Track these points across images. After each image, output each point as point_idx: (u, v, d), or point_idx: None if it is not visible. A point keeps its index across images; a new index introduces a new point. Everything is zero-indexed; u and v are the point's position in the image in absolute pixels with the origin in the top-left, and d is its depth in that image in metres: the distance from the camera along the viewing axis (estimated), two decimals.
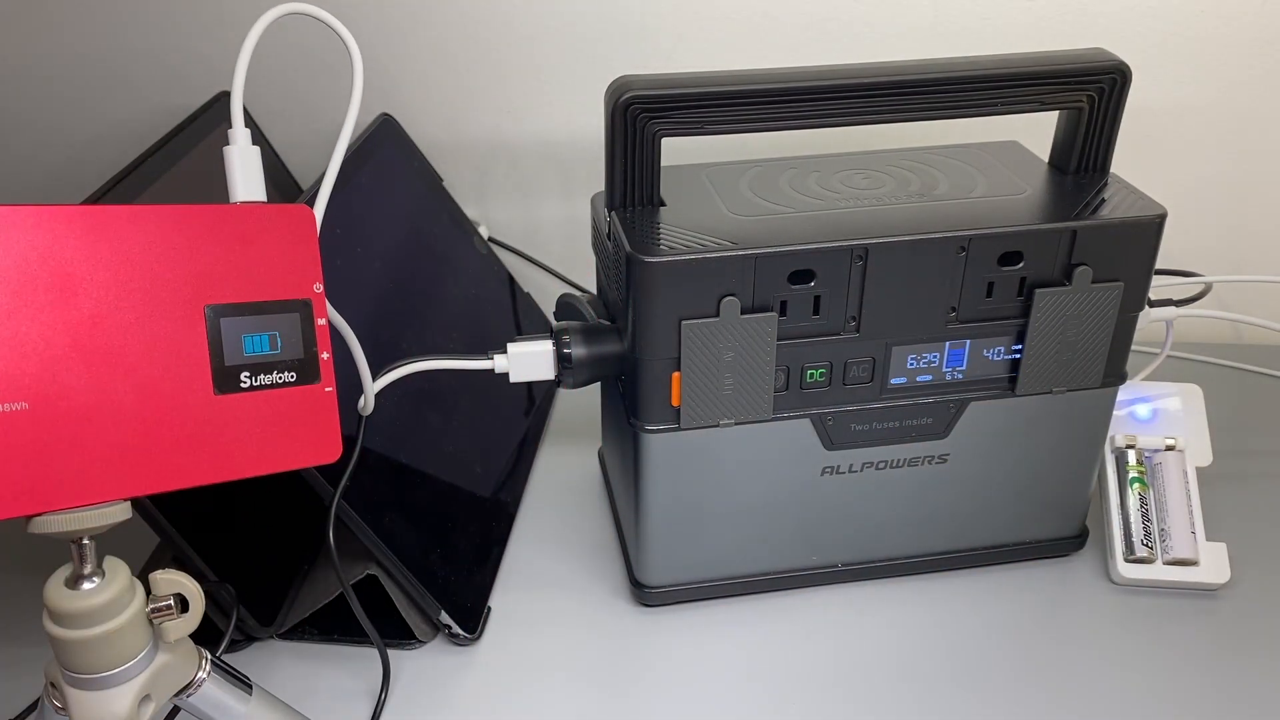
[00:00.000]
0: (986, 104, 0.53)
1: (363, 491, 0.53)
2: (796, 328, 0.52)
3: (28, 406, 0.33)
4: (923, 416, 0.55)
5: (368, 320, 0.58)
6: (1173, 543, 0.58)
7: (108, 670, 0.37)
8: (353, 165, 0.63)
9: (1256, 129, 0.78)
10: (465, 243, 0.74)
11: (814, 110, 0.51)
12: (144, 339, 0.35)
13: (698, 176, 0.58)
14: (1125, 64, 0.53)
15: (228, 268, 0.37)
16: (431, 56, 0.77)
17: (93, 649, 0.36)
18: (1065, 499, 0.60)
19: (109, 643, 0.36)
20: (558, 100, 0.78)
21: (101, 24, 0.77)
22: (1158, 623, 0.57)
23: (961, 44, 0.75)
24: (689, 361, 0.51)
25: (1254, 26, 0.74)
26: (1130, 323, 0.55)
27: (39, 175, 0.83)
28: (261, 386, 0.38)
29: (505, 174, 0.81)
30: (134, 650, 0.37)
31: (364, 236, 0.61)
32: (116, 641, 0.37)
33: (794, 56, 0.76)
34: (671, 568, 0.58)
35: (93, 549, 0.36)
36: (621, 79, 0.51)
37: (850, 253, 0.50)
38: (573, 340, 0.54)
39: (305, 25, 0.42)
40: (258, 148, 0.40)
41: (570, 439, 0.73)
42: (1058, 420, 0.56)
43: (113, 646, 0.37)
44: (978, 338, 0.54)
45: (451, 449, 0.62)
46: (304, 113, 0.79)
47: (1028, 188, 0.55)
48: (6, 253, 0.33)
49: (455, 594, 0.57)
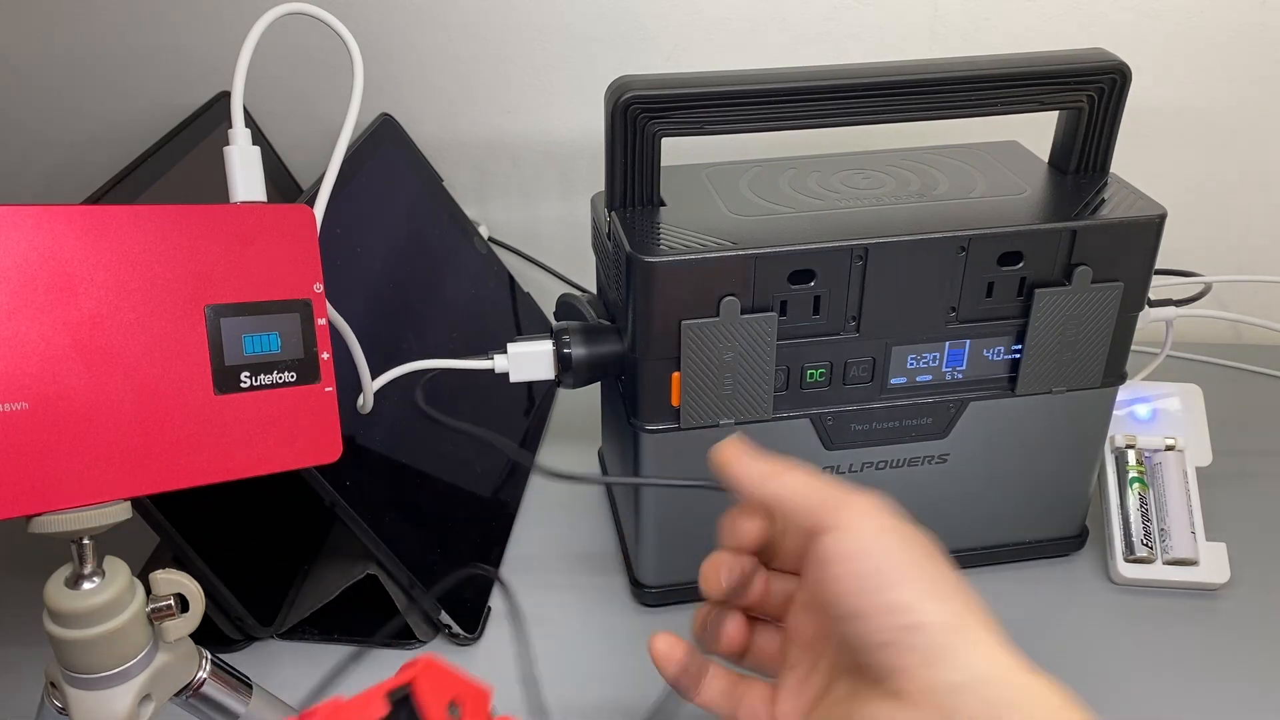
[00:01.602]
0: (986, 104, 0.53)
1: (363, 491, 0.53)
2: (796, 328, 0.52)
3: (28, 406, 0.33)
4: (923, 416, 0.55)
5: (368, 320, 0.58)
6: (1173, 543, 0.58)
7: (108, 670, 0.37)
8: (353, 165, 0.63)
9: (1256, 129, 0.78)
10: (465, 243, 0.74)
11: (814, 110, 0.51)
12: (144, 339, 0.35)
13: (698, 176, 0.58)
14: (1125, 64, 0.53)
15: (228, 268, 0.37)
16: (431, 56, 0.77)
17: (93, 649, 0.36)
18: (1065, 499, 0.60)
19: (109, 643, 0.36)
20: (558, 100, 0.78)
21: (101, 24, 0.77)
22: (1158, 623, 0.57)
23: (961, 44, 0.75)
24: (689, 361, 0.51)
25: (1254, 27, 0.74)
26: (1130, 323, 0.55)
27: (39, 175, 0.83)
28: (262, 386, 0.38)
29: (505, 174, 0.81)
30: (134, 650, 0.37)
31: (364, 236, 0.61)
32: (116, 641, 0.37)
33: (794, 57, 0.76)
34: (671, 568, 0.58)
35: (93, 549, 0.36)
36: (621, 79, 0.51)
37: (850, 253, 0.50)
38: (573, 340, 0.54)
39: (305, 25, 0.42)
40: (258, 148, 0.40)
41: (570, 439, 0.73)
42: (1058, 420, 0.56)
43: (113, 646, 0.37)
44: (978, 338, 0.54)
45: (451, 449, 0.62)
46: (304, 113, 0.79)
47: (1028, 188, 0.55)
48: (6, 253, 0.33)
49: (455, 594, 0.57)
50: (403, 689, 0.31)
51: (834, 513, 0.37)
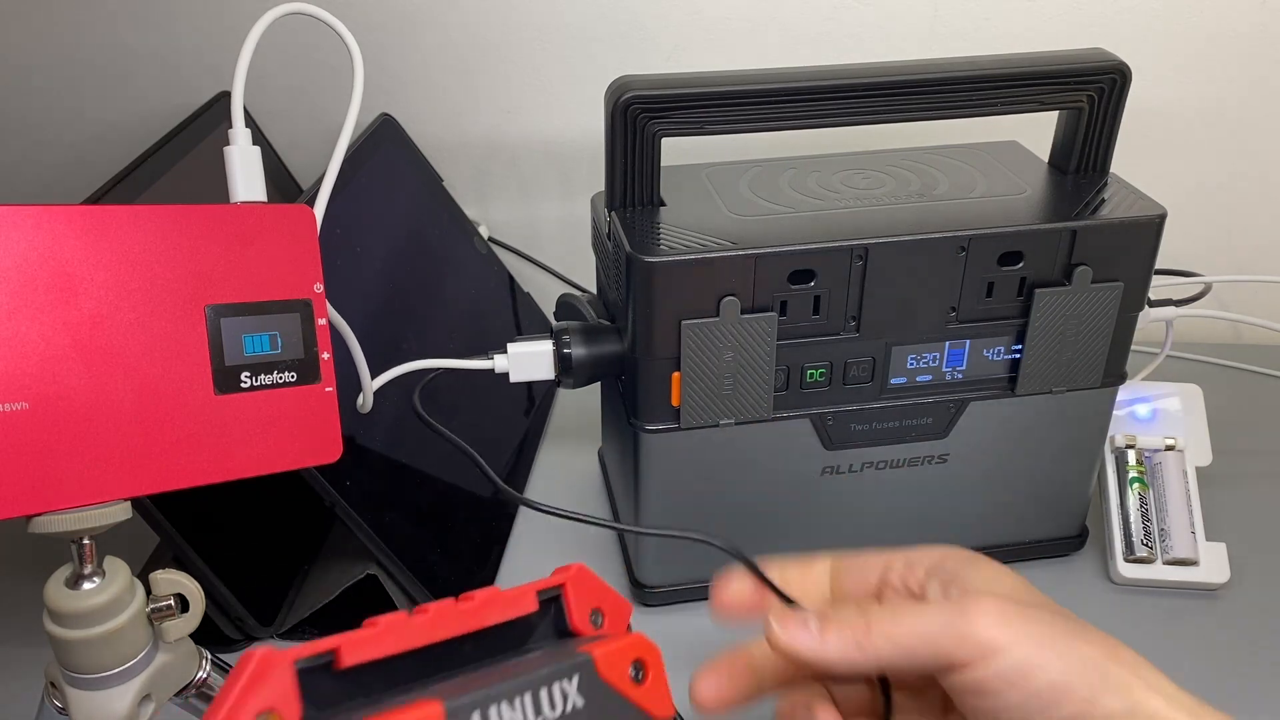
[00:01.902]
0: (986, 104, 0.53)
1: (363, 491, 0.53)
2: (796, 328, 0.52)
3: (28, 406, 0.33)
4: (923, 416, 0.55)
5: (368, 320, 0.58)
6: (1172, 542, 0.58)
7: (108, 670, 0.37)
8: (353, 165, 0.63)
9: (1256, 129, 0.78)
10: (465, 243, 0.74)
11: (814, 110, 0.51)
12: (144, 339, 0.35)
13: (698, 176, 0.58)
14: (1125, 64, 0.53)
15: (228, 268, 0.37)
16: (431, 56, 0.77)
17: (93, 649, 0.36)
18: (1065, 499, 0.60)
19: (109, 643, 0.36)
20: (558, 100, 0.78)
21: (102, 24, 0.77)
22: (1158, 623, 0.57)
23: (961, 44, 0.75)
24: (689, 361, 0.51)
25: (1254, 27, 0.74)
26: (1130, 323, 0.55)
27: (39, 175, 0.83)
28: (262, 386, 0.38)
29: (505, 174, 0.81)
30: (134, 650, 0.37)
31: (364, 236, 0.61)
32: (116, 641, 0.37)
33: (794, 57, 0.76)
34: (671, 568, 0.58)
35: (93, 549, 0.36)
36: (621, 79, 0.51)
37: (850, 253, 0.50)
38: (573, 340, 0.54)
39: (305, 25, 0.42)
40: (258, 148, 0.40)
41: (570, 439, 0.73)
42: (1058, 420, 0.56)
43: (113, 646, 0.37)
44: (978, 338, 0.54)
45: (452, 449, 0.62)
46: (304, 113, 0.79)
47: (1028, 188, 0.55)
48: (6, 253, 0.33)
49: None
50: (553, 590, 0.34)
51: (967, 641, 0.33)
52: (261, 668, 0.28)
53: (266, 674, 0.28)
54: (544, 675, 0.31)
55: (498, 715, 0.30)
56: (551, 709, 0.31)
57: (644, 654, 0.34)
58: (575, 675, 0.32)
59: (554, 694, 0.31)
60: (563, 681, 0.31)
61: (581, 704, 0.32)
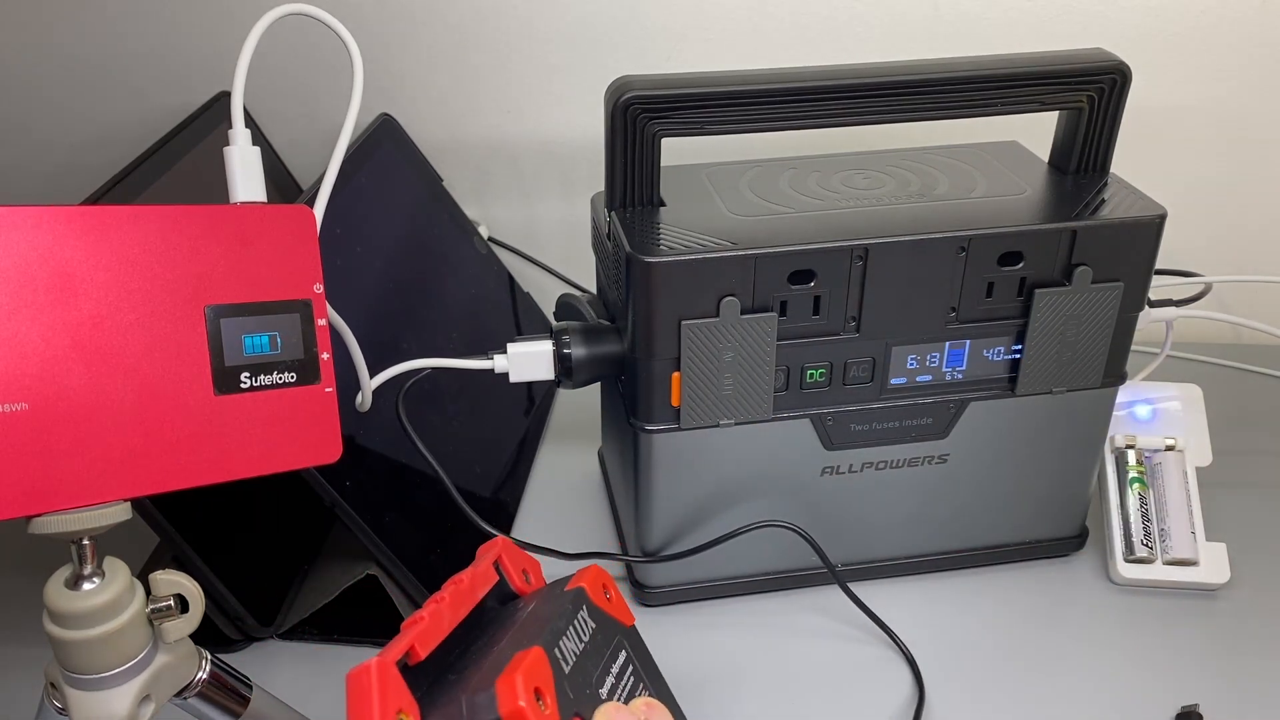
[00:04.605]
0: (986, 104, 0.53)
1: (363, 491, 0.53)
2: (796, 328, 0.52)
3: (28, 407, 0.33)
4: (923, 416, 0.55)
5: (368, 320, 0.58)
6: (1172, 543, 0.58)
7: (108, 670, 0.37)
8: (353, 165, 0.63)
9: (1256, 129, 0.78)
10: (465, 243, 0.74)
11: (814, 110, 0.51)
12: (144, 339, 0.35)
13: (698, 176, 0.58)
14: (1125, 64, 0.53)
15: (228, 268, 0.37)
16: (432, 56, 0.77)
17: (93, 649, 0.36)
18: (1065, 499, 0.60)
19: (109, 643, 0.36)
20: (558, 100, 0.78)
21: (102, 24, 0.77)
22: (1158, 623, 0.57)
23: (961, 44, 0.75)
24: (689, 361, 0.51)
25: (1254, 26, 0.74)
26: (1130, 323, 0.55)
27: (39, 175, 0.83)
28: (261, 387, 0.38)
29: (505, 174, 0.81)
30: (134, 650, 0.37)
31: (364, 236, 0.61)
32: (116, 642, 0.37)
33: (794, 57, 0.76)
34: (671, 568, 0.58)
35: (93, 549, 0.36)
36: (621, 79, 0.51)
37: (850, 253, 0.50)
38: (573, 340, 0.54)
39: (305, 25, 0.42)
40: (258, 148, 0.40)
41: (570, 439, 0.73)
42: (1058, 420, 0.56)
43: (113, 647, 0.37)
44: (978, 338, 0.54)
45: (451, 449, 0.62)
46: (304, 113, 0.79)
47: (1028, 188, 0.55)
48: (6, 253, 0.33)
49: None
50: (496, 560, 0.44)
51: None
52: (382, 676, 0.32)
53: (387, 681, 0.32)
54: (569, 610, 0.40)
55: (562, 649, 0.38)
56: (583, 635, 0.40)
57: (606, 580, 0.44)
58: (583, 606, 0.41)
59: (579, 624, 0.40)
60: (581, 612, 0.41)
61: (594, 626, 0.41)
